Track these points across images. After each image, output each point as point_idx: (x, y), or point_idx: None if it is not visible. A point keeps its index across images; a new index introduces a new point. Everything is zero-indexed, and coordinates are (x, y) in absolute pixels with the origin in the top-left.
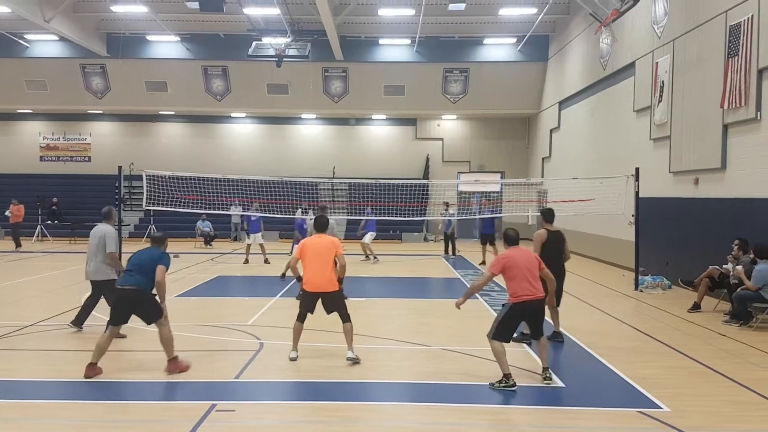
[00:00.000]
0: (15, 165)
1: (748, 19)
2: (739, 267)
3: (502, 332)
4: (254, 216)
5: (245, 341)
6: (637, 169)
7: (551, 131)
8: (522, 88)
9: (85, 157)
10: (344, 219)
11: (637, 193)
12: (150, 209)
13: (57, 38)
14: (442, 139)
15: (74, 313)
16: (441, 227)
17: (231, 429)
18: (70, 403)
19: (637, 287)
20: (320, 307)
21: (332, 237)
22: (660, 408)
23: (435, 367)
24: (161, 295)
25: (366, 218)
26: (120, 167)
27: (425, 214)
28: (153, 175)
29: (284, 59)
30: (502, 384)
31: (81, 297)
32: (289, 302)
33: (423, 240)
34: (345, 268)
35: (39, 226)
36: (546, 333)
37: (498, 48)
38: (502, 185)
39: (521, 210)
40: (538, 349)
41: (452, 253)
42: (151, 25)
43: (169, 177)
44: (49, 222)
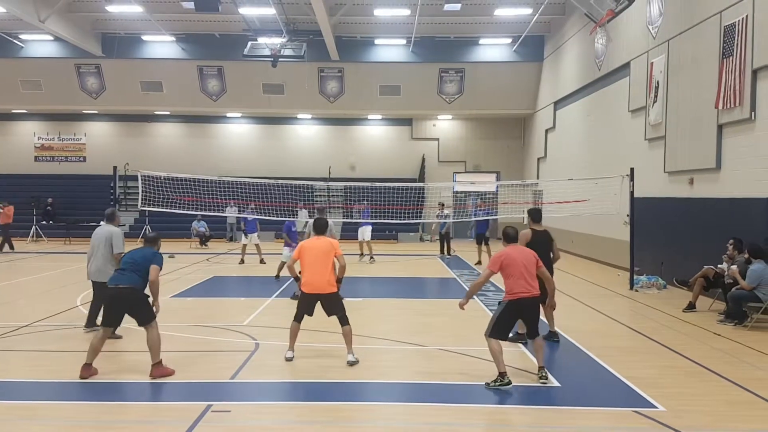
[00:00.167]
0: (9, 165)
1: (743, 20)
2: (734, 267)
3: (499, 330)
4: (250, 216)
5: (241, 341)
6: (632, 169)
7: (546, 131)
8: (517, 89)
9: (80, 158)
10: (340, 220)
11: (632, 193)
12: (145, 210)
13: (52, 38)
14: (438, 139)
15: (70, 314)
16: (435, 227)
17: (227, 429)
18: (66, 404)
19: (632, 287)
20: (318, 308)
21: (331, 239)
22: (655, 407)
23: (431, 367)
24: (154, 295)
25: (359, 213)
26: (115, 167)
27: (421, 216)
28: (148, 176)
29: (280, 59)
30: (498, 383)
31: (76, 297)
32: (285, 302)
33: (419, 240)
34: (345, 269)
35: (34, 227)
36: (542, 333)
37: (493, 48)
38: (498, 186)
39: (517, 210)
40: (534, 349)
41: (447, 253)
42: (147, 25)
43: (164, 178)
44: (44, 222)
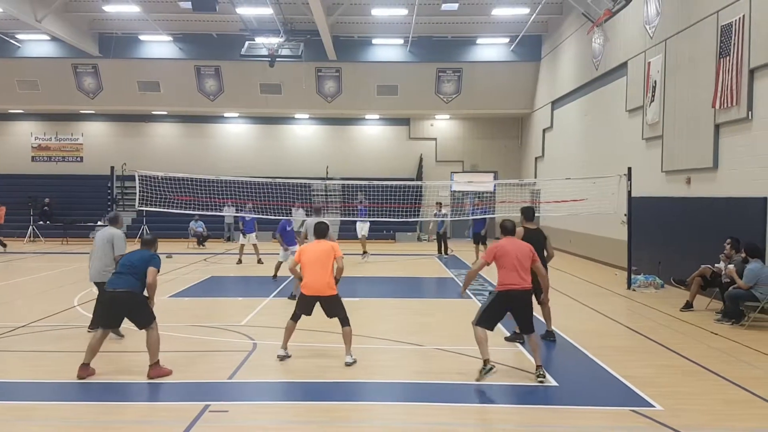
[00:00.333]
0: (6, 165)
1: (740, 19)
2: (731, 266)
3: (486, 319)
4: (248, 216)
5: (238, 341)
6: (630, 169)
7: (544, 131)
8: (515, 88)
9: (77, 158)
10: (338, 219)
11: (630, 193)
12: (143, 209)
13: (49, 38)
14: (436, 139)
15: (68, 314)
16: (433, 227)
17: (224, 429)
18: (63, 405)
19: (630, 286)
20: (318, 308)
21: (331, 242)
22: (653, 407)
23: (429, 367)
24: (151, 297)
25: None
26: (112, 167)
27: (419, 215)
28: (145, 176)
29: (277, 59)
30: (483, 371)
31: (74, 298)
32: (283, 302)
33: (417, 240)
34: (342, 271)
35: (31, 227)
36: (539, 332)
37: (491, 48)
38: (495, 185)
39: (514, 210)
40: (530, 348)
41: (445, 253)
42: (144, 25)
43: (162, 177)
44: (41, 222)
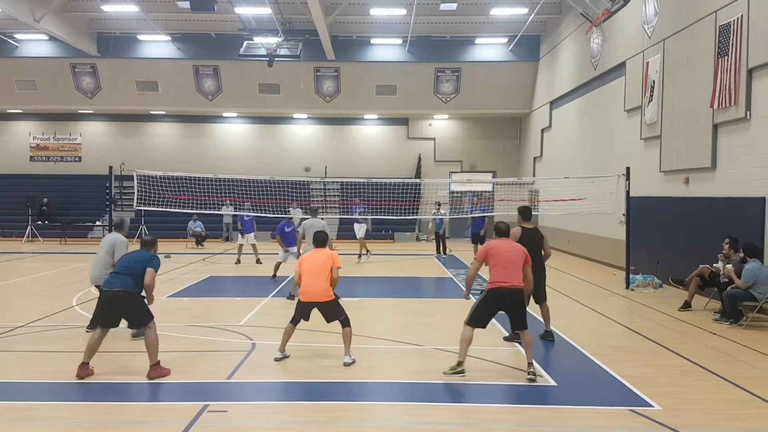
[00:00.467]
0: (5, 165)
1: (738, 19)
2: (729, 266)
3: (477, 318)
4: (247, 216)
5: (237, 341)
6: (628, 169)
7: (542, 131)
8: (513, 88)
9: (76, 158)
10: (336, 217)
11: (628, 193)
12: (141, 209)
13: (47, 38)
14: (434, 139)
15: (66, 314)
16: (432, 226)
17: (223, 429)
18: (62, 404)
19: (628, 286)
20: (316, 311)
21: (330, 251)
22: (651, 406)
23: (428, 367)
24: (149, 298)
25: (357, 215)
26: (111, 167)
27: (417, 214)
28: (144, 175)
29: (276, 59)
30: (453, 371)
31: (72, 298)
32: (281, 302)
33: (415, 239)
34: (336, 282)
35: (29, 227)
36: (538, 332)
37: (489, 48)
38: (494, 185)
39: (513, 208)
40: (523, 344)
41: (443, 253)
42: (142, 25)
43: (160, 177)
44: (40, 222)
